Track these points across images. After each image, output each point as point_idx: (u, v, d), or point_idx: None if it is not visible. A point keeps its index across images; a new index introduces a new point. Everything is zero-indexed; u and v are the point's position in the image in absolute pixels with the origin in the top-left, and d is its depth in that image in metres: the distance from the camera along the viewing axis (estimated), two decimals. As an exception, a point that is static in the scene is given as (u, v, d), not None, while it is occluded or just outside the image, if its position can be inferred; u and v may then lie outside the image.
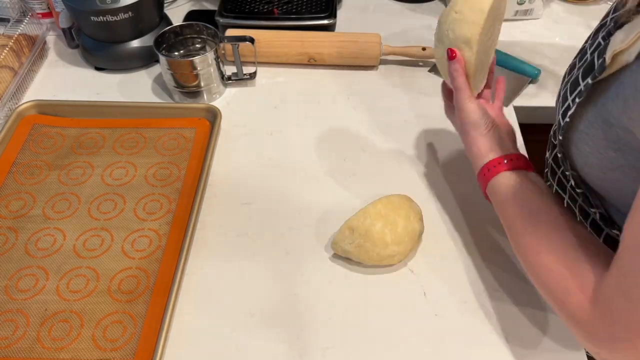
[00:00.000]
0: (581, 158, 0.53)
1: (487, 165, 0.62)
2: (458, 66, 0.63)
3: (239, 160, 0.83)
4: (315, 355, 0.61)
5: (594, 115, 0.49)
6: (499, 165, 0.61)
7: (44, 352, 0.61)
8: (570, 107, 0.52)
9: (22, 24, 0.97)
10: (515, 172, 0.61)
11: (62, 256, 0.70)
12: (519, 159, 0.62)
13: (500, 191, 0.61)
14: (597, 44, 0.52)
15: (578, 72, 0.53)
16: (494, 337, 0.63)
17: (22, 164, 0.81)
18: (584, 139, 0.51)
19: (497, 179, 0.61)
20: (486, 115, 0.64)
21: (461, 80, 0.64)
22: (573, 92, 0.52)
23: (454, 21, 0.62)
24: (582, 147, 0.52)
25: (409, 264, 0.70)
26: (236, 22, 1.01)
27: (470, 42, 0.62)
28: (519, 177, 0.60)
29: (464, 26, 0.62)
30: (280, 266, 0.69)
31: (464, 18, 0.61)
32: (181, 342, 0.62)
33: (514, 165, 0.61)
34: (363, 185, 0.79)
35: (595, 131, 0.49)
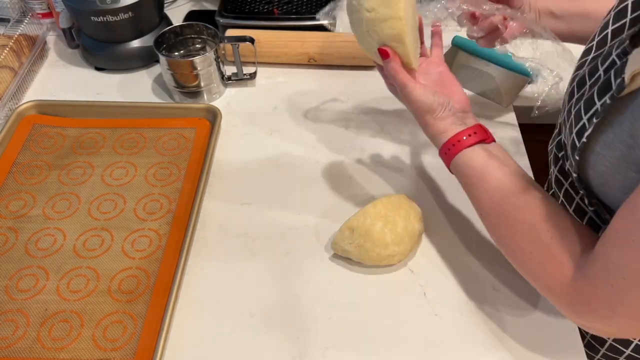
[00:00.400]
0: (598, 179, 0.52)
1: (447, 144, 0.62)
2: (394, 64, 0.61)
3: (239, 160, 0.83)
4: (315, 355, 0.61)
5: (611, 136, 0.48)
6: (458, 143, 0.61)
7: (44, 352, 0.61)
8: (586, 127, 0.50)
9: (22, 24, 0.97)
10: (477, 147, 0.60)
11: (62, 256, 0.70)
12: (477, 131, 0.61)
13: (464, 171, 0.61)
14: (611, 62, 0.50)
15: (592, 90, 0.51)
16: (494, 337, 0.63)
17: (22, 164, 0.81)
18: (601, 160, 0.50)
19: (459, 157, 0.61)
20: (435, 95, 0.62)
21: (401, 76, 0.61)
22: (588, 111, 0.50)
23: (372, 21, 0.58)
24: (599, 169, 0.51)
25: (409, 264, 0.70)
26: (236, 22, 1.01)
27: (401, 38, 0.59)
28: (481, 154, 0.60)
29: (385, 25, 0.58)
30: (280, 266, 0.69)
31: (381, 16, 0.58)
32: (181, 342, 0.62)
33: (474, 139, 0.61)
34: (363, 185, 0.79)
35: (613, 152, 0.48)
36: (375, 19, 0.58)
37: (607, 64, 0.51)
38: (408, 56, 0.61)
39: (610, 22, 0.55)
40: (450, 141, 0.61)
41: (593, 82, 0.52)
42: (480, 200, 0.60)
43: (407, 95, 0.62)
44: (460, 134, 0.61)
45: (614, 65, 0.49)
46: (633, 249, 0.44)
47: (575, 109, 0.53)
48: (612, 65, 0.50)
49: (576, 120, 0.52)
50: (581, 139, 0.51)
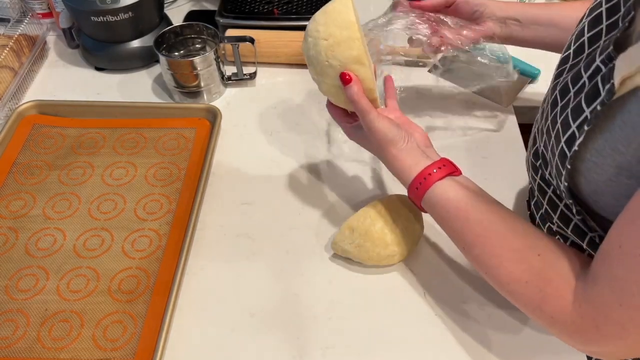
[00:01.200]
0: (589, 186, 0.51)
1: (417, 180, 0.60)
2: (356, 88, 0.59)
3: (239, 160, 0.83)
4: (315, 355, 0.61)
5: (602, 143, 0.47)
6: (429, 177, 0.59)
7: (44, 352, 0.61)
8: (576, 135, 0.49)
9: (22, 24, 0.97)
10: (448, 179, 0.59)
11: (62, 256, 0.70)
12: (446, 164, 0.60)
13: (439, 205, 0.59)
14: (595, 68, 0.50)
15: (578, 97, 0.51)
16: (494, 337, 0.63)
17: (22, 164, 0.81)
18: (592, 168, 0.49)
19: (431, 192, 0.59)
20: (398, 127, 0.62)
21: (364, 102, 0.60)
22: (577, 119, 0.50)
23: (331, 47, 0.58)
24: (590, 176, 0.50)
25: (409, 264, 0.70)
26: (236, 22, 1.01)
27: (360, 59, 0.58)
28: (454, 186, 0.59)
29: (343, 47, 0.58)
30: (280, 266, 0.69)
31: (338, 40, 0.58)
32: (181, 341, 0.62)
33: (444, 172, 0.60)
34: (363, 185, 0.79)
35: (604, 159, 0.48)
36: (333, 44, 0.58)
37: (592, 71, 0.50)
38: (370, 81, 0.60)
39: (586, 30, 0.55)
40: (420, 175, 0.60)
41: (578, 90, 0.52)
42: (461, 233, 0.58)
43: (370, 123, 0.61)
44: (429, 168, 0.60)
45: (600, 72, 0.49)
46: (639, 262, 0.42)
47: (561, 117, 0.53)
48: (597, 71, 0.49)
49: (564, 129, 0.52)
50: (572, 147, 0.50)
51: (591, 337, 0.48)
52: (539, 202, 0.64)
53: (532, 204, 0.67)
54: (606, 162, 0.47)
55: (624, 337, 0.45)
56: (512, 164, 0.80)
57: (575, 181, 0.52)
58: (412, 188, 0.61)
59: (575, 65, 0.55)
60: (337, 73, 0.60)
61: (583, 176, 0.51)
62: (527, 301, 0.52)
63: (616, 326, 0.45)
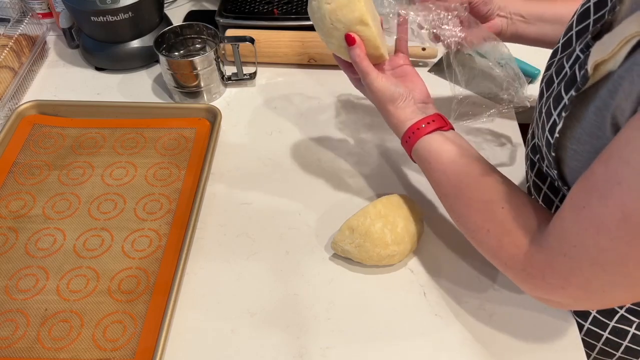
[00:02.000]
0: (572, 175, 0.53)
1: (408, 132, 0.64)
2: (359, 50, 0.63)
3: (239, 160, 0.83)
4: (315, 355, 0.61)
5: (580, 131, 0.49)
6: (418, 130, 0.63)
7: (44, 352, 0.61)
8: (557, 123, 0.51)
9: (22, 24, 0.97)
10: (435, 134, 0.63)
11: (62, 256, 0.70)
12: (436, 119, 0.64)
13: (423, 156, 0.63)
14: (575, 57, 0.52)
15: (559, 86, 0.53)
16: (494, 337, 0.63)
17: (22, 164, 0.81)
18: (573, 156, 0.51)
19: (419, 144, 0.63)
20: (397, 85, 0.65)
21: (365, 64, 0.64)
22: (557, 107, 0.52)
23: (334, 11, 0.61)
24: (571, 164, 0.52)
25: (409, 264, 0.70)
26: (236, 22, 1.01)
27: (363, 19, 0.61)
28: (439, 139, 0.63)
29: (346, 10, 0.61)
30: (280, 266, 0.69)
31: (340, 4, 0.61)
32: (181, 342, 0.62)
33: (433, 127, 0.63)
34: (363, 185, 0.79)
35: (583, 146, 0.49)
36: (336, 8, 0.61)
37: (572, 60, 0.52)
38: (375, 39, 0.63)
39: (574, 24, 0.57)
40: (410, 129, 0.64)
41: (560, 80, 0.54)
42: (438, 183, 0.63)
43: (370, 84, 0.65)
44: (419, 122, 0.64)
45: (578, 59, 0.51)
46: (583, 216, 0.45)
47: (545, 107, 0.55)
48: (576, 60, 0.51)
49: (547, 118, 0.54)
50: (554, 134, 0.52)
51: (538, 285, 0.52)
52: (535, 199, 0.64)
53: None
54: (585, 149, 0.49)
55: (565, 286, 0.49)
56: (512, 163, 0.80)
57: (561, 170, 0.54)
58: (403, 141, 0.66)
59: (562, 58, 0.56)
60: (342, 34, 0.63)
61: (565, 165, 0.53)
62: (486, 248, 0.58)
63: (559, 276, 0.49)
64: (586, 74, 0.47)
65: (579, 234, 0.46)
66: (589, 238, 0.45)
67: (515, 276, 0.54)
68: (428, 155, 0.63)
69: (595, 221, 0.44)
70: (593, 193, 0.44)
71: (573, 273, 0.47)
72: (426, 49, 0.94)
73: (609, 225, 0.43)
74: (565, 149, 0.51)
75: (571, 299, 0.51)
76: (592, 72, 0.46)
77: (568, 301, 0.52)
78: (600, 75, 0.46)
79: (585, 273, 0.47)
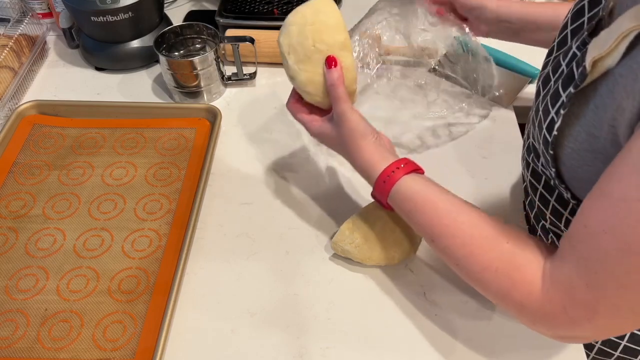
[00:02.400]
0: (569, 173, 0.52)
1: (385, 173, 0.60)
2: (338, 74, 0.60)
3: (239, 160, 0.83)
4: (315, 355, 0.61)
5: (578, 129, 0.48)
6: (397, 170, 0.59)
7: (44, 352, 0.61)
8: (555, 121, 0.50)
9: (22, 24, 0.97)
10: (413, 175, 0.60)
11: (62, 256, 0.70)
12: (409, 162, 0.61)
13: (406, 197, 0.59)
14: (572, 55, 0.51)
15: (556, 84, 0.52)
16: (493, 337, 0.63)
17: (22, 164, 0.81)
18: (570, 154, 0.50)
19: (399, 185, 0.59)
20: (368, 123, 0.63)
21: (342, 90, 0.61)
22: (555, 104, 0.51)
23: (317, 31, 0.60)
24: (568, 162, 0.51)
25: (409, 264, 0.70)
26: (236, 22, 1.01)
27: (347, 45, 0.60)
28: (420, 179, 0.59)
29: (331, 31, 0.60)
30: (280, 266, 0.69)
31: (326, 25, 0.60)
32: (181, 342, 0.62)
33: (410, 168, 0.60)
34: (363, 185, 0.78)
35: (580, 144, 0.48)
36: (321, 29, 0.60)
37: (569, 58, 0.52)
38: (353, 70, 0.62)
39: (569, 23, 0.56)
40: (388, 169, 0.60)
41: (557, 77, 0.53)
42: (430, 225, 0.57)
43: (344, 113, 0.62)
44: (397, 163, 0.60)
45: (575, 57, 0.50)
46: (605, 241, 0.42)
47: (542, 105, 0.54)
48: (573, 57, 0.51)
49: (545, 116, 0.53)
50: (552, 132, 0.51)
51: (560, 322, 0.48)
52: (532, 200, 0.64)
53: (527, 204, 0.67)
54: (582, 148, 0.48)
55: (591, 319, 0.45)
56: (512, 164, 0.80)
57: (558, 169, 0.53)
58: (379, 182, 0.61)
59: (558, 56, 0.56)
60: (323, 57, 0.60)
61: (563, 163, 0.51)
62: (496, 289, 0.52)
63: (584, 308, 0.45)
64: (584, 70, 0.46)
65: (601, 259, 0.43)
66: (614, 263, 0.42)
67: (533, 317, 0.50)
68: (413, 196, 0.58)
69: (620, 244, 0.41)
70: (614, 215, 0.42)
71: (598, 302, 0.44)
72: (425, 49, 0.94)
73: (636, 246, 0.41)
74: (563, 147, 0.51)
75: (599, 330, 0.48)
76: (591, 69, 0.46)
77: (595, 333, 0.49)
78: (598, 72, 0.45)
79: (612, 299, 0.44)
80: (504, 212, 0.75)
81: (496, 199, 0.77)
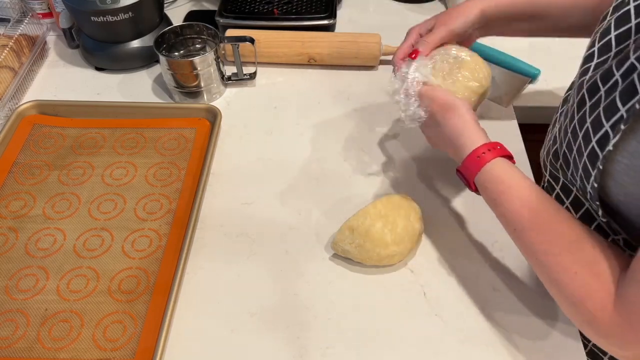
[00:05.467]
0: (619, 189, 0.49)
1: (480, 149, 0.59)
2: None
3: (239, 160, 0.83)
4: (315, 355, 0.61)
5: (635, 145, 0.46)
6: (493, 149, 0.58)
7: (44, 352, 0.61)
8: (609, 135, 0.48)
9: (22, 24, 0.97)
10: (505, 160, 0.58)
11: (62, 256, 0.70)
12: (504, 147, 0.60)
13: (498, 180, 0.57)
14: (630, 66, 0.48)
15: (611, 95, 0.49)
16: (494, 337, 0.63)
17: (23, 164, 0.81)
18: (624, 170, 0.48)
19: (493, 164, 0.58)
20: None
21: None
22: (610, 118, 0.48)
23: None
24: (621, 178, 0.48)
25: (409, 264, 0.70)
26: (236, 22, 1.01)
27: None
28: (514, 167, 0.58)
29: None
30: (280, 266, 0.69)
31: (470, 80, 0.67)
32: (181, 342, 0.62)
33: (506, 152, 0.59)
34: (363, 185, 0.79)
35: (636, 161, 0.46)
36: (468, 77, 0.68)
37: (625, 69, 0.49)
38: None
39: (612, 28, 0.54)
40: (484, 146, 0.59)
41: (610, 88, 0.50)
42: (519, 213, 0.55)
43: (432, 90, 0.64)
44: (494, 143, 0.59)
45: (635, 69, 0.47)
46: None
47: (591, 117, 0.51)
48: (631, 69, 0.48)
49: (595, 129, 0.50)
50: (605, 147, 0.48)
51: (628, 339, 0.46)
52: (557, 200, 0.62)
53: None
54: (638, 164, 0.46)
55: None
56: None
57: (604, 183, 0.50)
58: (472, 156, 0.59)
59: (602, 63, 0.54)
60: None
61: (612, 178, 0.49)
62: (570, 293, 0.50)
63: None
64: None
65: None
66: None
67: (602, 331, 0.48)
68: (507, 179, 0.56)
69: None
70: None
71: None
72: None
73: None
74: (614, 162, 0.48)
75: None
76: None
77: None
78: None
79: None
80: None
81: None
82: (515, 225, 0.56)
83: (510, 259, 0.69)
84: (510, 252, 0.70)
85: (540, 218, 0.54)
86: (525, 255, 0.56)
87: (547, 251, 0.53)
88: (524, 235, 0.55)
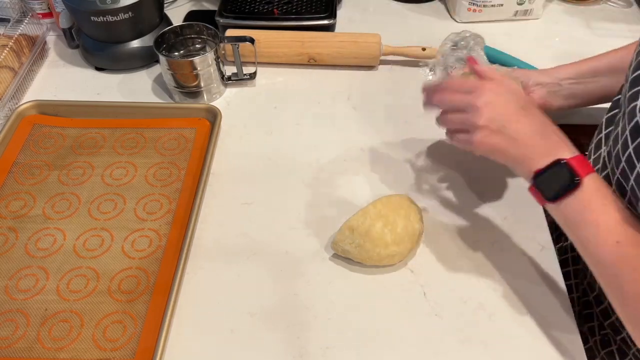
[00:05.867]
0: None
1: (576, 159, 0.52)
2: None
3: (239, 160, 0.83)
4: (315, 355, 0.61)
5: None
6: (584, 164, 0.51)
7: (44, 352, 0.61)
8: None
9: (22, 24, 0.97)
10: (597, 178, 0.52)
11: (62, 256, 0.70)
12: (584, 158, 0.53)
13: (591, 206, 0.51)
14: None
15: None
16: (493, 337, 0.63)
17: (22, 164, 0.81)
18: None
19: (592, 178, 0.51)
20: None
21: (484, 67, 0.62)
22: None
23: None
24: None
25: (409, 264, 0.70)
26: (236, 22, 1.01)
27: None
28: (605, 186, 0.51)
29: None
30: (280, 266, 0.69)
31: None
32: (181, 342, 0.62)
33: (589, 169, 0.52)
34: (363, 185, 0.79)
35: None
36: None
37: None
38: None
39: None
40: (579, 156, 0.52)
41: None
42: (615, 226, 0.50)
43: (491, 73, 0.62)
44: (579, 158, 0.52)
45: None
46: None
47: None
48: None
49: None
50: None
51: None
52: None
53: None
54: None
55: None
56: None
57: None
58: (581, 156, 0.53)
59: None
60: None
61: None
62: None
63: None
64: None
65: None
66: None
67: None
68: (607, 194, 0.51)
69: None
70: None
71: None
72: (426, 49, 0.94)
73: None
74: None
75: None
76: None
77: None
78: None
79: None
80: (504, 212, 0.75)
81: (501, 201, 0.77)
82: (608, 240, 0.51)
83: (510, 259, 0.69)
84: (510, 252, 0.70)
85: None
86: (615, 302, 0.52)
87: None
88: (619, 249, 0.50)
